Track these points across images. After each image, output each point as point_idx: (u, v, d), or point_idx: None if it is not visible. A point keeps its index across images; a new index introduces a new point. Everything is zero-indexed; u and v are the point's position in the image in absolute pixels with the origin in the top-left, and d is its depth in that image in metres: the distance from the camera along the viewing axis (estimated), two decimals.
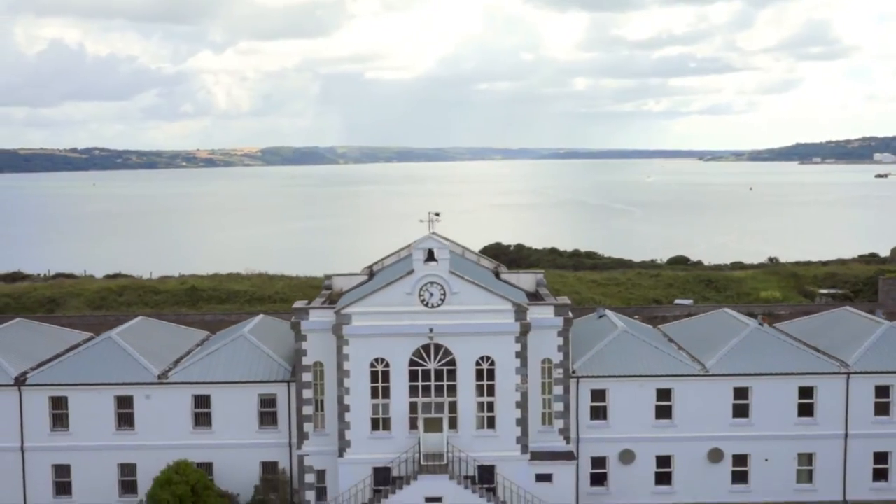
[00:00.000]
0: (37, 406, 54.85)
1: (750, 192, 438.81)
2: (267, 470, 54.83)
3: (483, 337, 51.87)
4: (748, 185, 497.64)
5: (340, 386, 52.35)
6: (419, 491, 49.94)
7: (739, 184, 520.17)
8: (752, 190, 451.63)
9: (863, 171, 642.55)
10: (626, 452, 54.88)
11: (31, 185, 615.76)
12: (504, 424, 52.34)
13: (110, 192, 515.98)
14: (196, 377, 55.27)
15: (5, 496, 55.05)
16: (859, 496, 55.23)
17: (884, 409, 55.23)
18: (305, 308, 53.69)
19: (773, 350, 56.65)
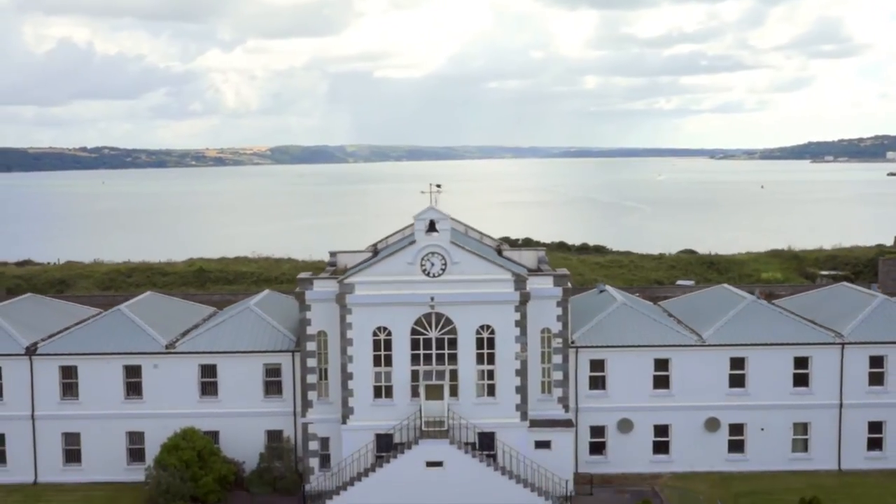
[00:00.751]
0: (47, 375, 56.47)
1: (761, 189, 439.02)
2: (272, 438, 56.33)
3: (483, 306, 53.28)
4: (759, 183, 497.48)
5: (344, 354, 53.80)
6: (420, 455, 51.35)
7: (751, 182, 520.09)
8: (764, 188, 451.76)
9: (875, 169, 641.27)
10: (625, 422, 56.25)
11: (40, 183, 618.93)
12: (504, 392, 53.72)
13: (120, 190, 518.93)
14: (203, 347, 56.84)
15: (17, 463, 56.71)
16: (854, 465, 56.49)
17: (878, 379, 56.50)
18: (310, 278, 55.20)
19: (769, 321, 57.99)
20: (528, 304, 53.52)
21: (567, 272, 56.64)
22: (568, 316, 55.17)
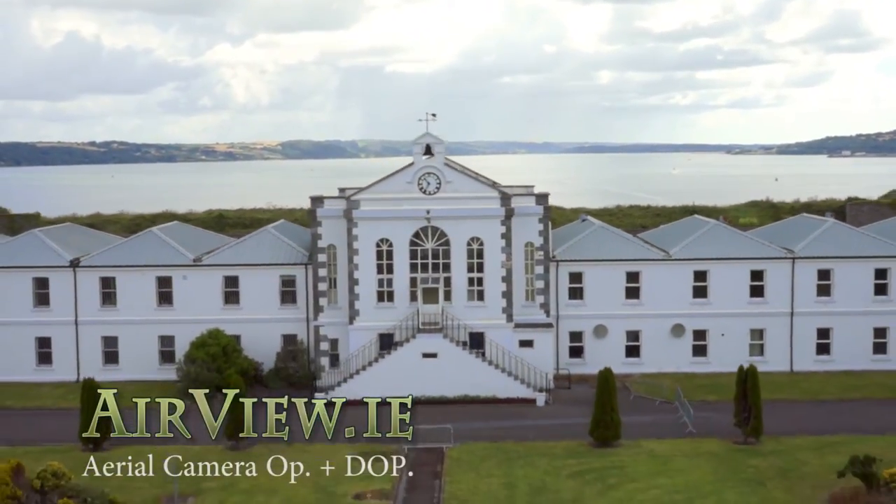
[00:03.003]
0: (89, 285, 65.37)
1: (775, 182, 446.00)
2: (287, 341, 65.04)
3: (473, 220, 61.93)
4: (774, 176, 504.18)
5: (350, 264, 62.54)
6: (418, 347, 59.98)
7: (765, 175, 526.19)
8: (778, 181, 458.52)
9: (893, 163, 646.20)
10: (600, 327, 64.78)
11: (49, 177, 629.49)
12: (492, 297, 62.36)
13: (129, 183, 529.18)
14: (226, 260, 65.70)
15: (62, 363, 65.60)
16: (804, 367, 64.82)
17: (825, 290, 64.88)
18: (321, 197, 64.06)
19: (729, 240, 66.57)
20: (512, 219, 62.17)
21: (548, 192, 65.17)
22: (549, 231, 63.82)
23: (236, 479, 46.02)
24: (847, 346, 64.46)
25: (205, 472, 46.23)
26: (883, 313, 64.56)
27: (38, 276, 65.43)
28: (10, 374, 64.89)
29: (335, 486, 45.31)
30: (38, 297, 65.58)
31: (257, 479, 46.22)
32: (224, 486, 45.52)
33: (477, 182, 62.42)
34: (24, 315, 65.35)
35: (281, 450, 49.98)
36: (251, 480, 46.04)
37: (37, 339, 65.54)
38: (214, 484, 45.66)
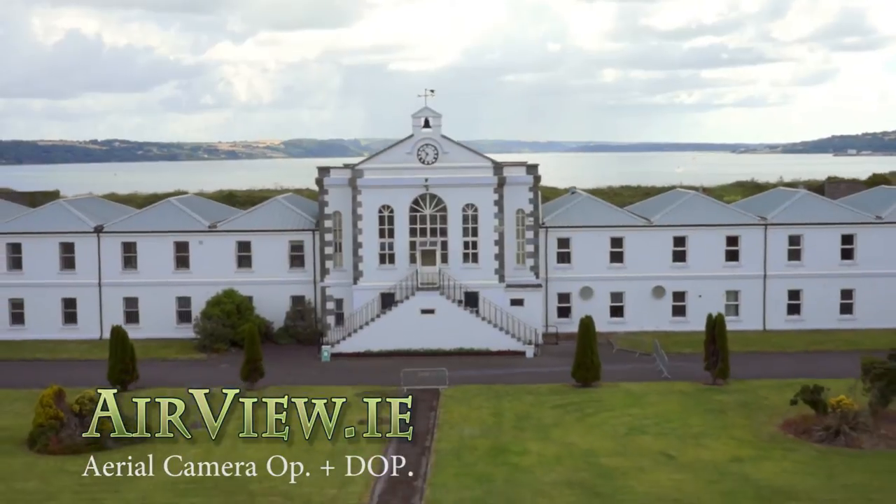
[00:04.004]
0: (112, 250, 71.31)
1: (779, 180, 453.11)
2: (296, 302, 70.88)
3: (468, 188, 67.79)
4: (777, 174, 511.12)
5: (355, 228, 68.43)
6: (417, 304, 65.84)
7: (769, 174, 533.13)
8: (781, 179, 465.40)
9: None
10: (586, 289, 70.60)
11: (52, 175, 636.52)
12: (485, 259, 68.21)
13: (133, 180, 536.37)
14: (239, 227, 71.65)
15: (86, 323, 71.53)
16: (776, 327, 70.54)
17: (796, 255, 70.65)
18: (328, 167, 69.99)
19: (707, 208, 72.48)
20: (504, 187, 68.03)
21: (537, 164, 71.02)
22: (538, 199, 69.69)
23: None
24: (816, 307, 70.18)
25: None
26: (849, 276, 70.31)
27: (64, 241, 71.36)
28: (38, 332, 70.83)
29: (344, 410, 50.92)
30: (65, 261, 71.50)
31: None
32: (241, 413, 51.21)
33: (471, 153, 68.33)
34: (51, 277, 71.24)
35: (290, 390, 56.11)
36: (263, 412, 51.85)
37: (63, 300, 71.44)
38: (233, 412, 51.38)
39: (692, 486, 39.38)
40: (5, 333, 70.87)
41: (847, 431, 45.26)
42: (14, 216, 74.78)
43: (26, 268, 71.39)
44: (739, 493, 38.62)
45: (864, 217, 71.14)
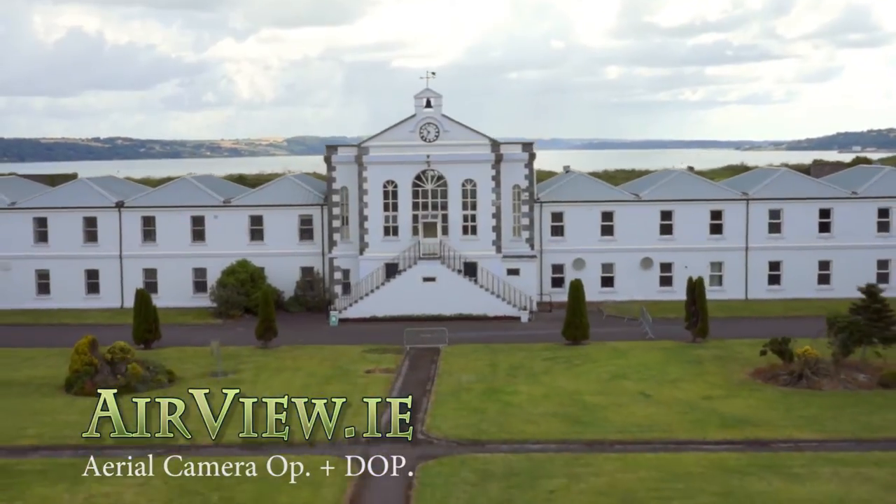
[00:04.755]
0: (132, 224, 76.51)
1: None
2: (305, 272, 76.02)
3: (467, 164, 72.92)
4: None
5: (361, 203, 73.59)
6: (419, 272, 70.98)
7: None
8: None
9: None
10: (578, 260, 75.66)
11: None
12: (483, 231, 73.35)
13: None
14: (252, 202, 76.86)
15: (108, 292, 76.71)
16: (758, 296, 75.56)
17: (776, 228, 75.72)
18: (335, 145, 75.21)
19: (692, 185, 77.60)
20: (501, 163, 73.18)
21: (533, 141, 76.12)
22: (534, 175, 74.81)
23: (266, 364, 57.16)
24: (795, 277, 75.20)
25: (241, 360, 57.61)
26: (827, 248, 75.32)
27: (87, 215, 76.59)
28: (63, 301, 76.05)
29: (349, 365, 56.23)
30: (88, 235, 76.75)
31: (283, 362, 57.45)
32: (257, 367, 56.50)
33: (470, 131, 73.42)
34: (75, 250, 76.47)
35: (302, 347, 61.42)
36: (278, 363, 57.20)
37: (86, 271, 76.69)
38: (249, 365, 56.69)
39: (664, 417, 44.49)
40: (32, 303, 76.07)
41: (809, 375, 50.30)
42: (38, 194, 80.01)
43: (52, 241, 76.60)
44: (706, 421, 43.73)
45: (840, 192, 76.21)
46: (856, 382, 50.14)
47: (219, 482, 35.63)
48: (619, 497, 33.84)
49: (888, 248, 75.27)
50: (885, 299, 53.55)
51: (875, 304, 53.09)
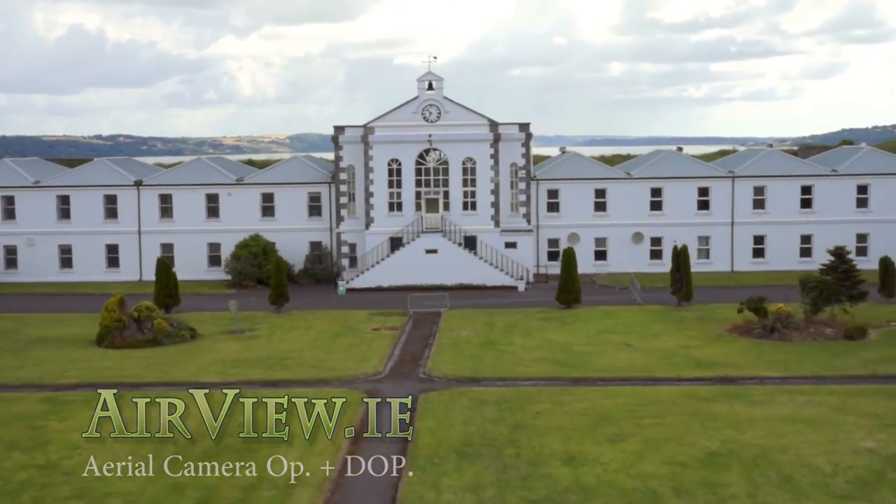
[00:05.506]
0: (150, 201, 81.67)
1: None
2: (314, 247, 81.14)
3: (467, 143, 77.98)
4: None
5: (366, 180, 78.67)
6: (421, 245, 76.03)
7: None
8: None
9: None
10: (573, 235, 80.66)
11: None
12: (482, 207, 78.42)
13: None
14: (264, 180, 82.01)
15: (127, 266, 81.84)
16: (743, 268, 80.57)
17: (760, 204, 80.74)
18: (343, 126, 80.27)
19: (681, 163, 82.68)
20: (499, 143, 78.25)
21: (529, 122, 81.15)
22: (530, 154, 79.90)
23: (280, 324, 62.25)
24: (778, 251, 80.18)
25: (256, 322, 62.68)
26: (808, 223, 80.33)
27: (108, 193, 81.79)
28: (84, 275, 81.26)
29: (357, 325, 61.28)
30: (108, 212, 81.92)
31: (295, 323, 62.55)
32: (271, 326, 61.59)
33: (470, 112, 78.50)
34: (96, 226, 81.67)
35: (312, 313, 66.47)
36: (291, 324, 62.29)
37: (106, 246, 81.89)
38: (264, 325, 61.78)
39: (644, 361, 49.53)
40: (56, 276, 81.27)
41: (780, 329, 55.31)
42: (60, 173, 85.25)
43: (74, 217, 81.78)
44: (681, 363, 48.79)
45: (821, 170, 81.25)
46: (823, 335, 55.10)
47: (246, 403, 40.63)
48: (598, 416, 38.86)
49: (867, 223, 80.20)
50: (852, 261, 58.48)
51: (843, 265, 58.12)
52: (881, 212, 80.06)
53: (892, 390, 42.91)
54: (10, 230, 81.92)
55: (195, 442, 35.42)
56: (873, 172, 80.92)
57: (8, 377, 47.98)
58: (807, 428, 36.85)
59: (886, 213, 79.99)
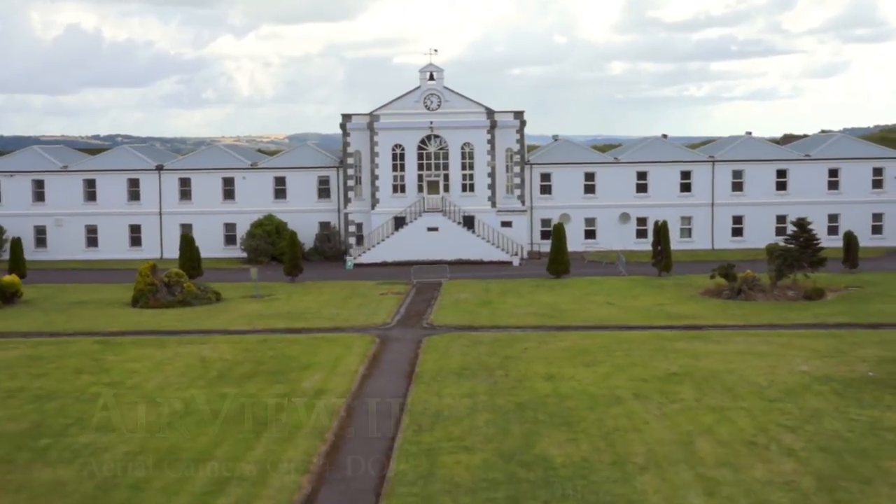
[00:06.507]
0: (170, 184, 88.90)
1: None
2: (323, 226, 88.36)
3: (466, 130, 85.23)
4: None
5: (372, 164, 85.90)
6: (423, 223, 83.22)
7: None
8: None
9: None
10: (564, 215, 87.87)
11: None
12: (480, 189, 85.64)
13: None
14: (276, 164, 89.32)
15: (149, 245, 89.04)
16: (723, 246, 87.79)
17: (739, 186, 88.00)
18: (350, 114, 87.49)
19: (666, 149, 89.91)
20: (495, 129, 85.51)
21: (523, 110, 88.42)
22: (524, 140, 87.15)
23: (295, 290, 69.39)
24: (755, 230, 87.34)
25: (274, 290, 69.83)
26: (783, 204, 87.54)
27: (131, 177, 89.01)
28: (109, 253, 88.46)
29: (366, 291, 68.48)
30: (131, 194, 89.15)
31: (309, 289, 69.74)
32: (288, 292, 68.74)
33: (468, 101, 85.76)
34: (120, 208, 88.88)
35: (324, 283, 73.61)
36: (305, 290, 69.43)
37: (130, 226, 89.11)
38: (281, 292, 68.92)
39: (621, 315, 56.68)
40: (82, 254, 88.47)
41: (747, 290, 62.45)
42: (86, 159, 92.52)
43: (99, 200, 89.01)
44: (654, 316, 55.95)
45: (795, 155, 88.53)
46: (785, 297, 62.26)
47: (274, 344, 48.04)
48: (576, 351, 46.02)
49: (837, 204, 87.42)
50: (814, 231, 65.63)
51: (804, 234, 65.26)
52: (850, 193, 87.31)
53: (834, 333, 50.01)
54: (40, 211, 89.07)
55: (233, 369, 42.95)
56: (844, 157, 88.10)
57: (60, 327, 55.20)
58: (753, 358, 43.99)
59: (855, 195, 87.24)
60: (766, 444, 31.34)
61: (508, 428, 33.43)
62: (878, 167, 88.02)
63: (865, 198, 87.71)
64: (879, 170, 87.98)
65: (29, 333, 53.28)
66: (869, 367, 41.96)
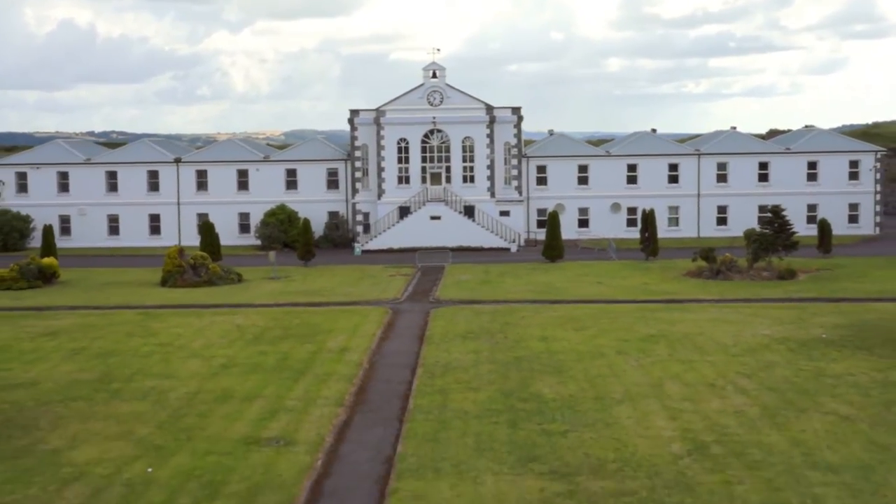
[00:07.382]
0: (188, 176, 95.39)
1: None
2: (332, 216, 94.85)
3: (466, 124, 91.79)
4: None
5: (378, 156, 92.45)
6: (426, 212, 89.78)
7: None
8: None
9: None
10: (559, 205, 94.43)
11: None
12: (479, 180, 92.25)
13: None
14: (288, 157, 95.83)
15: (168, 234, 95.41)
16: (708, 234, 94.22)
17: (723, 178, 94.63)
18: (357, 110, 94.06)
19: (655, 143, 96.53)
20: (494, 124, 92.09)
21: (520, 105, 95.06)
22: (521, 134, 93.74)
23: (309, 273, 75.88)
24: (739, 219, 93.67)
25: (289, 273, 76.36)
26: (765, 195, 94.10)
27: (150, 169, 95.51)
28: (130, 241, 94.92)
29: (375, 273, 75.03)
30: (151, 185, 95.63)
31: (322, 272, 76.29)
32: (302, 275, 75.24)
33: (469, 98, 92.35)
34: (140, 198, 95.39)
35: (334, 267, 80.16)
36: (319, 273, 75.91)
37: (149, 216, 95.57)
38: (296, 274, 75.43)
39: (609, 292, 63.28)
40: (104, 242, 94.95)
41: (725, 271, 69.05)
42: (107, 152, 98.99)
43: (121, 190, 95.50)
44: (639, 292, 62.56)
45: (776, 149, 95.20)
46: (760, 277, 68.86)
47: (298, 314, 54.65)
48: (567, 319, 52.63)
49: (816, 195, 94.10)
50: (787, 217, 72.19)
51: (778, 220, 71.87)
52: (828, 185, 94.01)
53: (798, 306, 56.60)
54: (65, 202, 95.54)
55: (265, 333, 49.59)
56: (822, 150, 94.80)
57: (102, 301, 61.75)
58: (723, 324, 50.62)
59: (833, 186, 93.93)
60: (723, 385, 37.93)
61: (508, 374, 40.05)
62: (854, 160, 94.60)
63: (842, 189, 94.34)
64: (856, 162, 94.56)
65: (75, 307, 59.77)
66: (823, 331, 48.53)
